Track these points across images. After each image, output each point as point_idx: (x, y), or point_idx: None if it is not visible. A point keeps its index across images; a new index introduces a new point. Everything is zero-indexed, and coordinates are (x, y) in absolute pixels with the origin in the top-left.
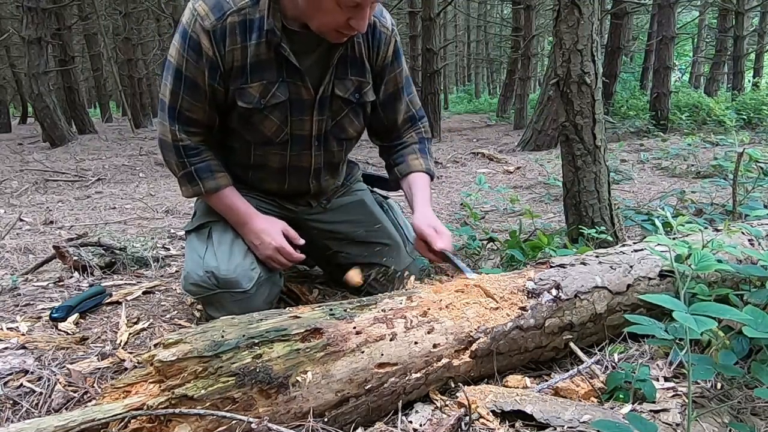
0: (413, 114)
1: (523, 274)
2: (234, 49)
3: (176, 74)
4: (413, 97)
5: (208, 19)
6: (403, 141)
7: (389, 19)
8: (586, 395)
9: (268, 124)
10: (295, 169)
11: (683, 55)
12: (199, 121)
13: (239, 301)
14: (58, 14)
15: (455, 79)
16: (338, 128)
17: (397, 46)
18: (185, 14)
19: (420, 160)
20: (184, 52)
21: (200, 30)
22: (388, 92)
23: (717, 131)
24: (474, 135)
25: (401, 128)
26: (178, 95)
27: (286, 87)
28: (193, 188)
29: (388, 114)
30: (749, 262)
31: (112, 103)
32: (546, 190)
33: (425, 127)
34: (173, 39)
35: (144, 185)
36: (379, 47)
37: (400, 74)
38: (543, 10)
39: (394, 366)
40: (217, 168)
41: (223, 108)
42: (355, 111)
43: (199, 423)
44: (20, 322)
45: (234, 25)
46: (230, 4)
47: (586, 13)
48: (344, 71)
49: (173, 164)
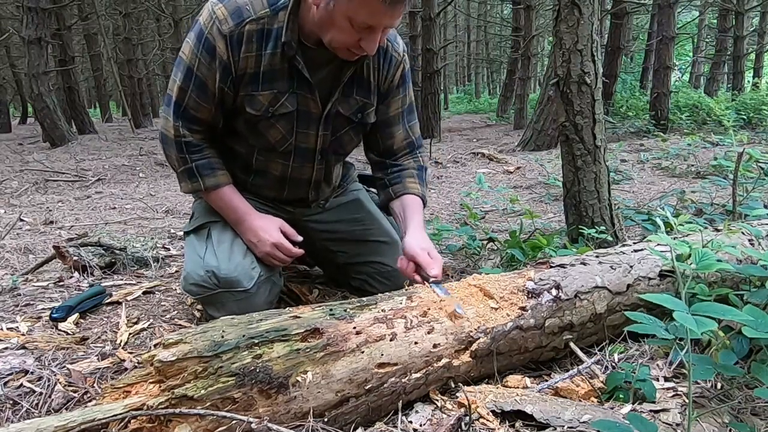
0: (412, 141)
1: (523, 274)
2: (249, 56)
3: (187, 72)
4: (414, 125)
5: (226, 24)
6: (401, 165)
7: (402, 45)
8: (586, 395)
9: (273, 133)
10: (294, 180)
11: (683, 55)
12: (204, 120)
13: (240, 300)
14: (58, 14)
15: (455, 79)
16: (337, 144)
17: (405, 72)
18: (203, 14)
19: (417, 185)
20: (197, 52)
21: (217, 33)
22: (387, 115)
23: (717, 131)
24: (474, 135)
25: (397, 153)
26: (185, 93)
27: (295, 98)
28: (193, 184)
29: (385, 137)
30: (749, 262)
31: (112, 103)
32: (546, 190)
33: (423, 156)
34: (188, 36)
35: (144, 185)
36: (388, 70)
37: (404, 99)
38: (543, 10)
39: (394, 366)
40: (218, 165)
41: (230, 111)
42: (355, 130)
43: (199, 423)
44: (20, 322)
45: (252, 33)
46: (250, 12)
47: (586, 13)
48: (350, 90)
49: (174, 159)
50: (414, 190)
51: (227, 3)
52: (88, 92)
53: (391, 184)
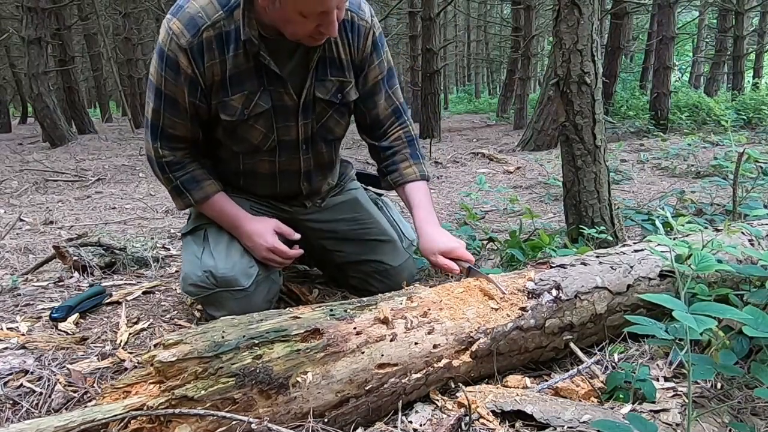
0: (396, 107)
1: (524, 274)
2: (213, 64)
3: (156, 93)
4: (396, 90)
5: (183, 37)
6: (392, 145)
7: (368, 10)
8: (586, 395)
9: (253, 134)
10: (285, 174)
11: (683, 55)
12: (182, 137)
13: (239, 299)
14: (58, 14)
15: (455, 79)
16: (324, 130)
17: (376, 38)
18: (161, 33)
19: (413, 167)
20: (162, 71)
21: (177, 48)
22: (368, 85)
23: (717, 131)
24: (474, 135)
25: (385, 122)
26: (159, 113)
27: (268, 95)
28: (184, 200)
29: (369, 108)
30: (749, 262)
31: (112, 103)
32: (546, 190)
33: (410, 121)
34: (152, 58)
35: (144, 185)
36: (358, 41)
37: (380, 65)
38: (543, 10)
39: (395, 366)
40: (202, 177)
41: (207, 122)
42: (339, 111)
43: (199, 423)
44: (20, 322)
45: (210, 40)
46: (204, 19)
47: (586, 13)
48: (324, 72)
49: (161, 179)
50: (411, 176)
51: (180, 15)
52: (88, 92)
53: (388, 172)
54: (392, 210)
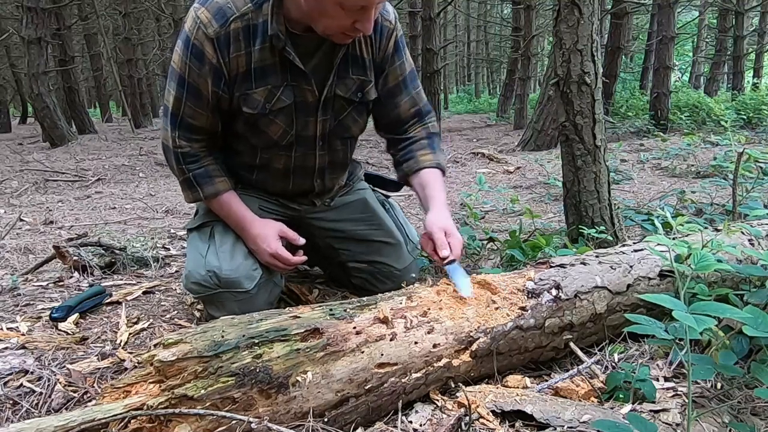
0: (419, 109)
1: (523, 274)
2: (238, 56)
3: (179, 81)
4: (419, 92)
5: (211, 27)
6: (411, 136)
7: (392, 12)
8: (586, 395)
9: (273, 128)
10: (299, 170)
11: (683, 55)
12: (202, 128)
13: (241, 301)
14: (58, 14)
15: (455, 79)
16: (341, 128)
17: (398, 39)
18: (187, 21)
19: (430, 155)
20: (187, 60)
21: (203, 38)
22: (388, 86)
23: (717, 131)
24: (474, 135)
25: (406, 123)
26: (180, 102)
27: (291, 91)
28: (193, 194)
29: (390, 108)
30: (749, 262)
31: (112, 103)
32: (546, 190)
33: (432, 122)
34: (176, 45)
35: (144, 185)
36: (381, 41)
37: (401, 67)
38: (543, 10)
39: (394, 366)
40: (216, 173)
41: (228, 114)
42: (358, 110)
43: (199, 423)
44: (20, 322)
45: (238, 31)
46: (233, 10)
47: (586, 13)
48: (346, 70)
49: (174, 169)
50: (427, 162)
51: (209, 5)
52: (88, 92)
53: (404, 160)
54: (398, 212)
